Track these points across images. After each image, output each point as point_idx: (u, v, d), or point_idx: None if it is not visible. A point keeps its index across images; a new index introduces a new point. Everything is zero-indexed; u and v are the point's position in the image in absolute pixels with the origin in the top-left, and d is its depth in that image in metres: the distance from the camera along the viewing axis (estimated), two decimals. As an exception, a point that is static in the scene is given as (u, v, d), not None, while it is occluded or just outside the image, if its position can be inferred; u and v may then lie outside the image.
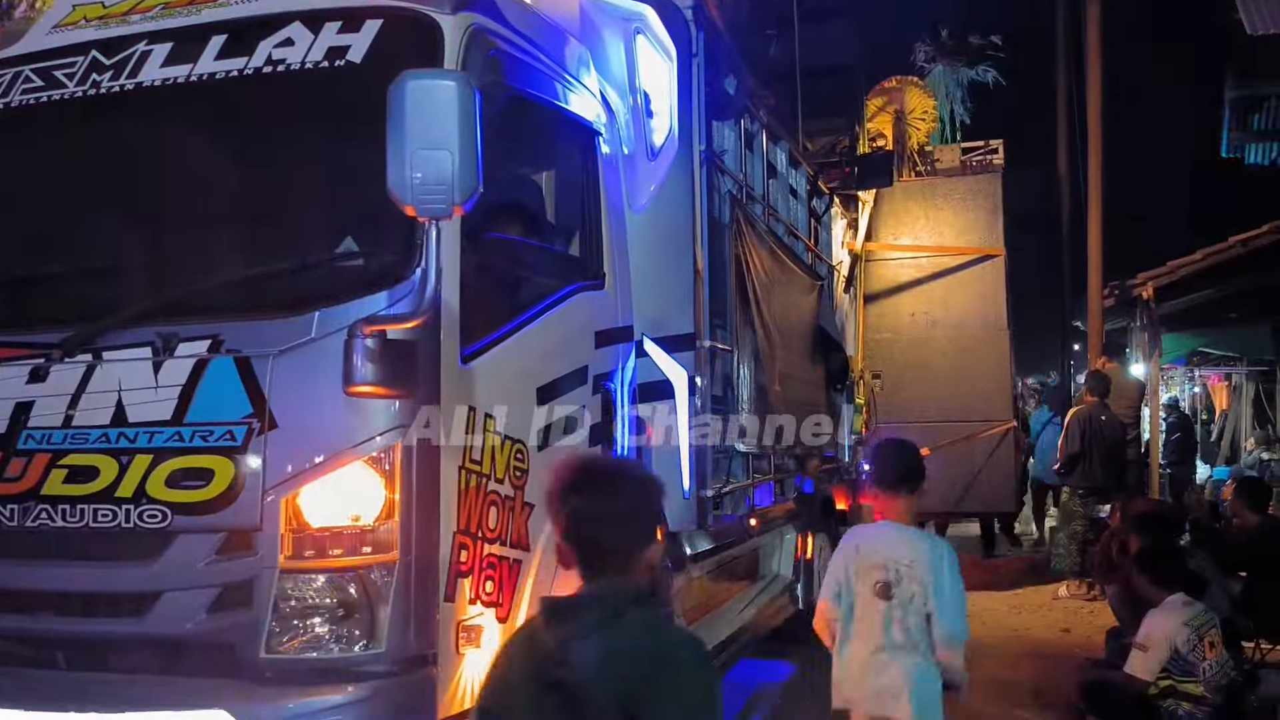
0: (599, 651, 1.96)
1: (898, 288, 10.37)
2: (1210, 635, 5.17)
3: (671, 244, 4.88)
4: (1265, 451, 14.94)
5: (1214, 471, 15.75)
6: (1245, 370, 17.11)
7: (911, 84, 11.42)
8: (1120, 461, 9.54)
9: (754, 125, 6.43)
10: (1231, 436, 17.52)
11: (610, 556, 2.08)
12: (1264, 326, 14.69)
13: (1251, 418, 16.95)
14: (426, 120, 2.56)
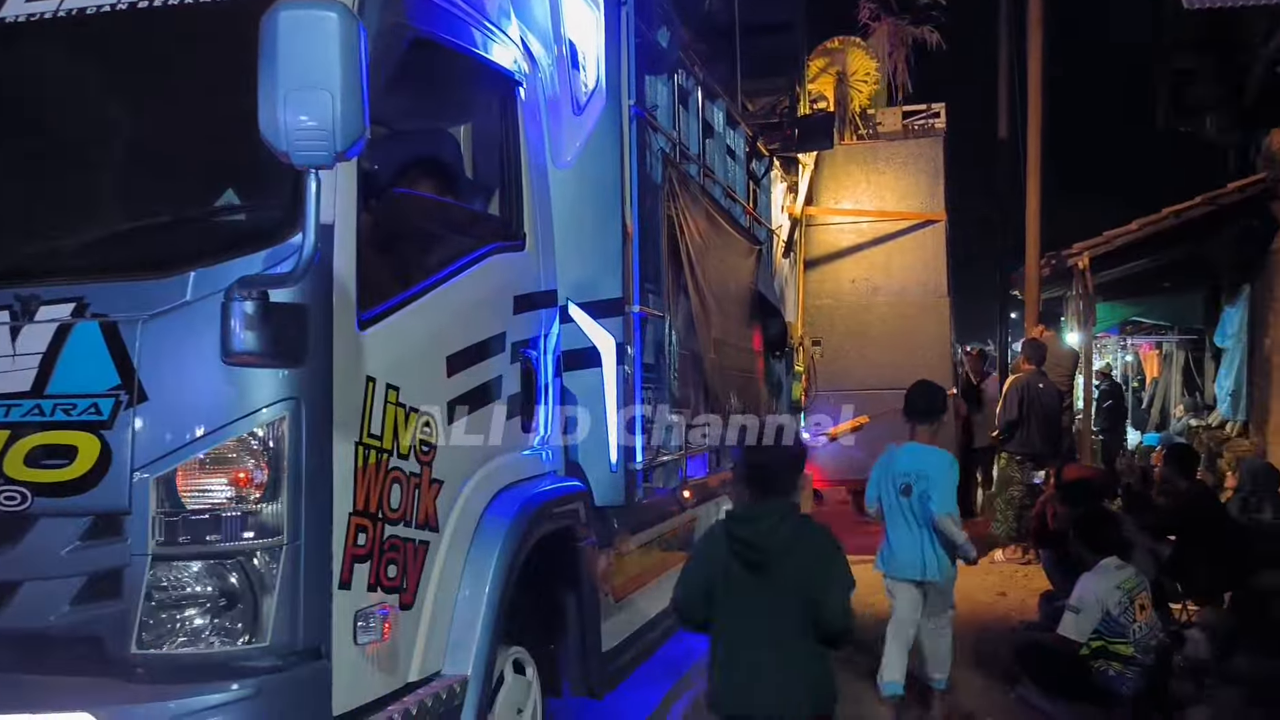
0: (785, 540, 3.29)
1: (838, 253, 10.21)
2: (1141, 598, 5.30)
3: (599, 203, 4.61)
4: (1194, 418, 15.26)
5: (1144, 438, 16.14)
6: (1176, 339, 17.51)
7: (854, 45, 11.19)
8: (1056, 428, 9.62)
9: (689, 81, 6.16)
10: (1161, 403, 17.95)
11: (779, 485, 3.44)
12: (1195, 296, 15.25)
13: (1181, 385, 17.36)
14: (303, 57, 2.26)
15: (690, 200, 5.70)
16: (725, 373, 6.46)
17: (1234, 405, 12.68)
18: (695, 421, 5.74)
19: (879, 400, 9.88)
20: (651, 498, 5.21)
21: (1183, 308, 15.84)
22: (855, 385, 9.99)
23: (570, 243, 4.50)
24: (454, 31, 3.72)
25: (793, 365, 9.05)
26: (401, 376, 3.12)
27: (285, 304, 2.65)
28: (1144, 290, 15.12)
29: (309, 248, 2.42)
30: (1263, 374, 11.57)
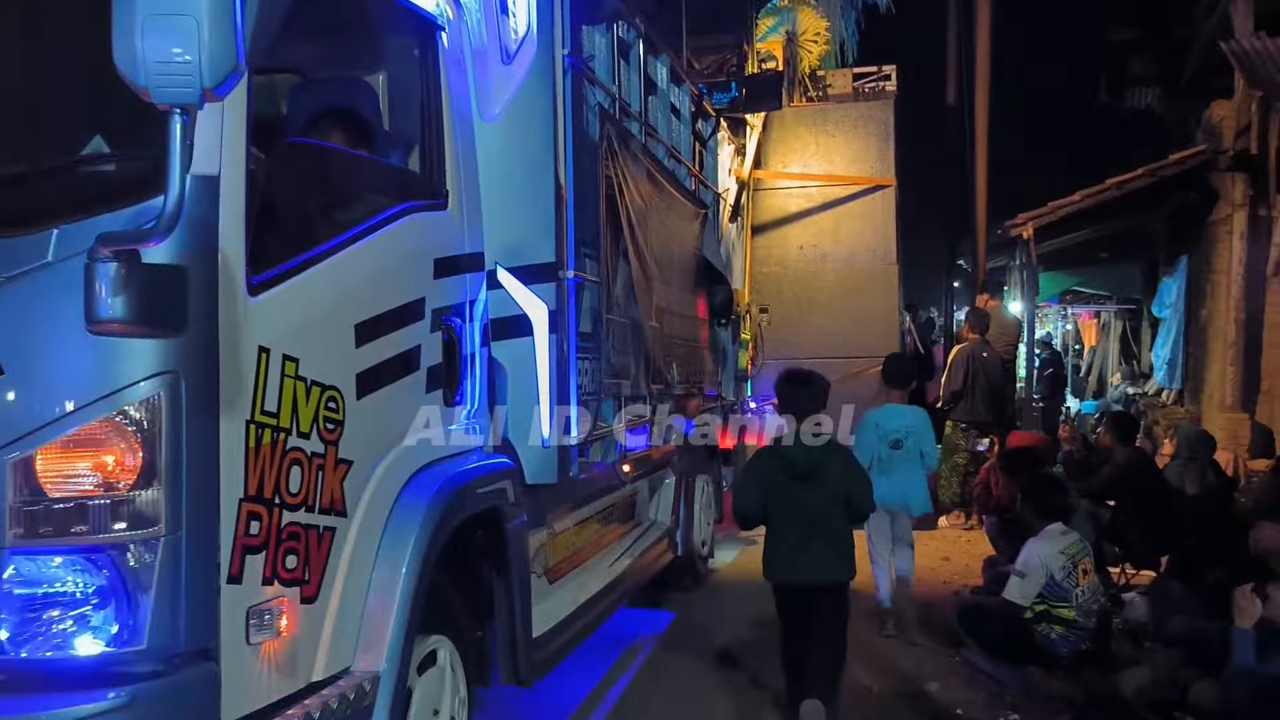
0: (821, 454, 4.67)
1: (786, 219, 9.99)
2: (1084, 563, 5.39)
3: (530, 160, 4.32)
4: (1130, 386, 15.55)
5: (1082, 405, 16.45)
6: (1114, 309, 17.81)
7: (804, 4, 10.91)
8: (1000, 397, 9.62)
9: (630, 33, 5.85)
10: (1099, 372, 18.25)
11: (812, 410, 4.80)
12: (1134, 267, 15.67)
13: (1118, 354, 17.61)
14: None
15: (631, 160, 5.42)
16: (668, 341, 6.21)
17: (1170, 374, 12.93)
18: (635, 392, 5.49)
19: (827, 369, 9.69)
20: (589, 473, 4.97)
21: (1122, 278, 16.19)
22: (804, 354, 9.80)
23: (499, 203, 4.20)
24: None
25: (739, 333, 8.84)
26: (301, 347, 2.82)
27: (160, 265, 2.33)
28: (1085, 261, 15.27)
29: (172, 200, 2.11)
30: (1199, 344, 11.74)
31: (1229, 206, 10.48)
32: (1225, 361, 10.35)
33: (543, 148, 4.30)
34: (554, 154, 4.33)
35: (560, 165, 4.38)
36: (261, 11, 2.63)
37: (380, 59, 3.94)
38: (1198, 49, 13.32)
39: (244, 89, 2.62)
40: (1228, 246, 10.53)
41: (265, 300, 2.70)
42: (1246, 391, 10.13)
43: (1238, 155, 10.22)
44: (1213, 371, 11.05)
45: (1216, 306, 11.03)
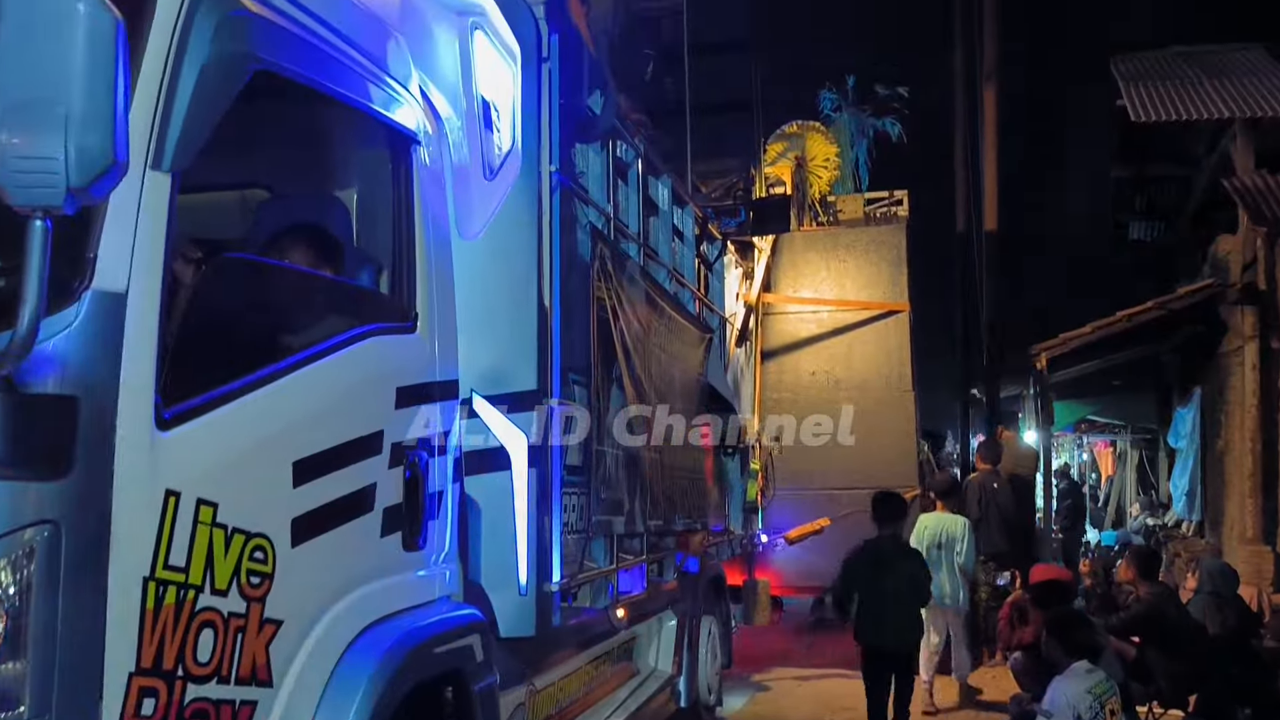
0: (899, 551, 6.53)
1: (797, 344, 9.67)
2: (1111, 703, 5.30)
3: (512, 281, 4.02)
4: (1150, 517, 15.49)
5: (1101, 536, 16.40)
6: (1129, 438, 18.05)
7: (813, 130, 10.84)
8: (1015, 527, 9.43)
9: (628, 153, 5.65)
10: (1117, 501, 18.34)
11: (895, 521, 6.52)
12: (1147, 396, 15.76)
13: (1136, 483, 17.82)
14: (26, 57, 1.65)
15: (627, 281, 5.13)
16: (668, 473, 5.82)
17: (1189, 505, 12.85)
18: (631, 529, 5.07)
19: (842, 500, 9.28)
20: (576, 619, 4.51)
21: (1136, 407, 16.30)
22: (817, 484, 9.38)
23: (478, 326, 3.89)
24: (333, 77, 3.14)
25: (748, 464, 8.42)
26: (221, 489, 2.44)
27: (40, 395, 1.99)
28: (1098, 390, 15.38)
29: (26, 321, 1.77)
30: (1216, 475, 11.71)
31: (1239, 339, 10.55)
32: (1244, 493, 10.23)
33: (526, 267, 4.01)
34: (538, 274, 4.03)
35: (545, 286, 4.07)
36: (193, 111, 2.37)
37: (352, 173, 3.69)
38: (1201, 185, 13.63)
39: (164, 195, 2.33)
40: (1240, 378, 10.54)
41: (178, 436, 2.34)
42: (1267, 523, 9.96)
43: (1245, 289, 10.33)
44: (1232, 503, 10.95)
45: (1232, 437, 11.00)
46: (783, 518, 9.22)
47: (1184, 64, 13.58)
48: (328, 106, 3.25)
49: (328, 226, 3.44)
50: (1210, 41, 14.32)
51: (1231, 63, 13.36)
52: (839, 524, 9.05)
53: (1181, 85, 12.69)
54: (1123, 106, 12.37)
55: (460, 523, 3.74)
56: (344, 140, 3.57)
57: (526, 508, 3.88)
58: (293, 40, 2.88)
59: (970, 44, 13.53)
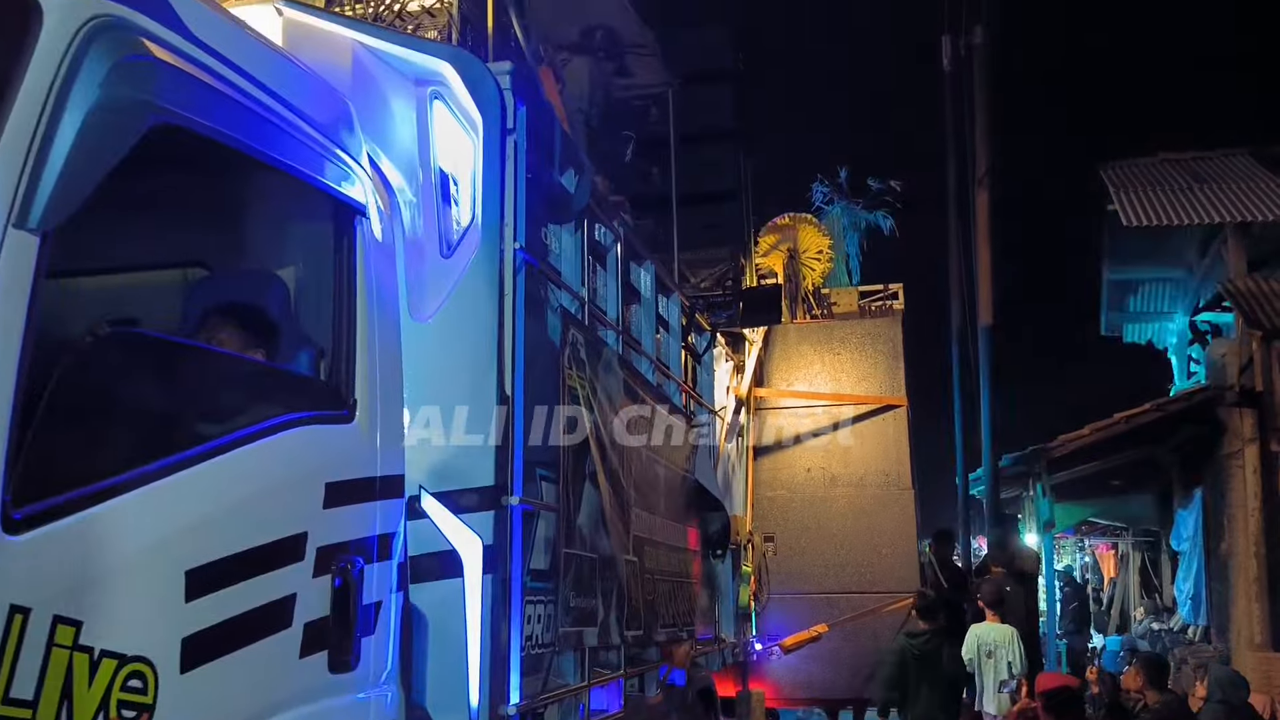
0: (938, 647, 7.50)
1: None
2: None
3: (470, 366, 3.67)
4: (1155, 621, 15.40)
5: (1106, 640, 16.17)
6: (1131, 540, 18.01)
7: (805, 221, 10.64)
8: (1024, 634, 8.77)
9: (606, 236, 5.37)
10: (1121, 605, 18.27)
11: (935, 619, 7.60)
12: (1148, 497, 15.73)
13: (1139, 587, 17.84)
14: None
15: (603, 370, 4.78)
16: (650, 578, 5.38)
17: (1195, 609, 12.79)
18: (605, 641, 4.62)
19: (839, 605, 8.79)
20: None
21: (1136, 509, 16.29)
22: (813, 587, 8.91)
23: (429, 415, 3.54)
24: (263, 139, 2.85)
25: (739, 566, 7.96)
26: (88, 604, 2.06)
27: None
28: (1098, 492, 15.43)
29: None
30: (1221, 579, 11.66)
31: (1239, 441, 10.53)
32: (1250, 598, 10.13)
33: (485, 351, 3.66)
34: (498, 359, 3.67)
35: (507, 372, 3.72)
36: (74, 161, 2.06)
37: (292, 248, 3.37)
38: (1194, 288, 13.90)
39: (28, 257, 2.00)
40: (1241, 481, 10.48)
41: (31, 541, 1.96)
42: (1275, 628, 9.88)
43: (1243, 391, 10.36)
44: (1238, 608, 10.82)
45: (1235, 541, 10.89)
46: (778, 623, 8.72)
47: (1172, 170, 13.94)
48: (261, 173, 2.96)
49: (261, 305, 3.11)
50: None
51: (1219, 168, 13.73)
52: (837, 630, 8.55)
53: (1171, 191, 13.03)
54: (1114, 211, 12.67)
55: (404, 638, 3.33)
56: (281, 211, 3.27)
57: (480, 619, 3.45)
58: (209, 94, 2.59)
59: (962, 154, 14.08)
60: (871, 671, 8.16)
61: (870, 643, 8.66)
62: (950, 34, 14.44)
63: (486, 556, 3.50)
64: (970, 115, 13.73)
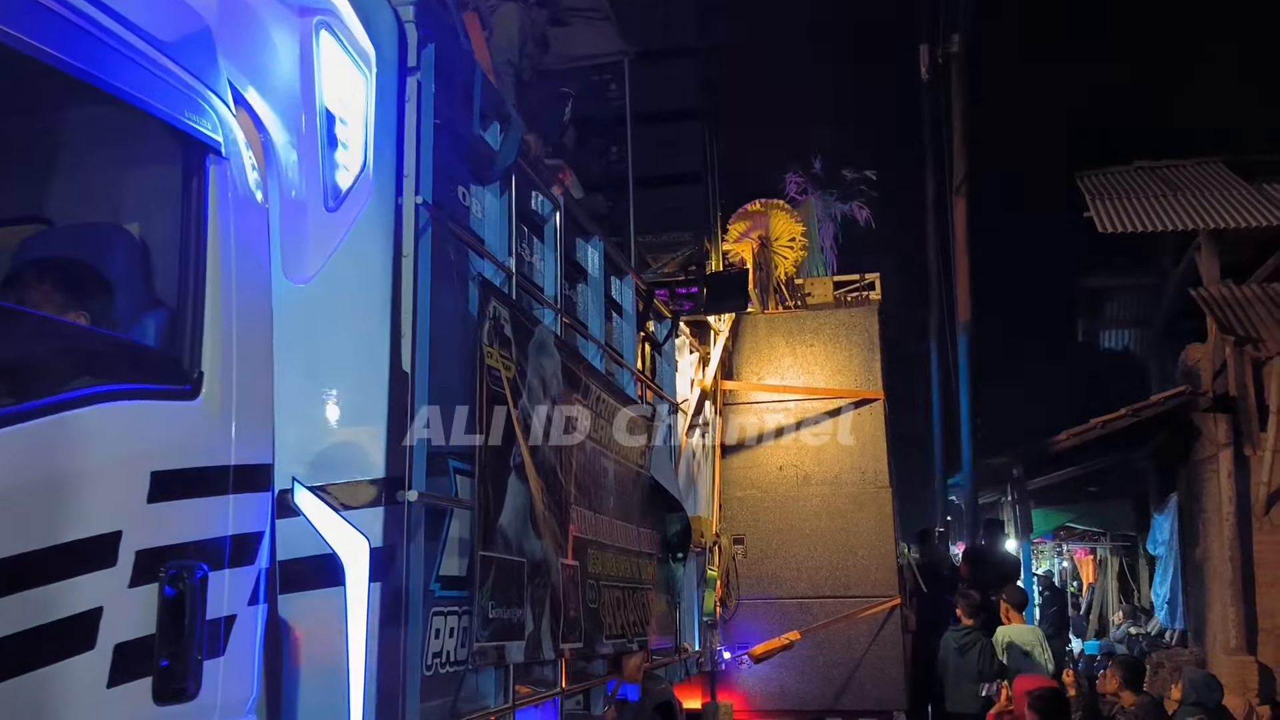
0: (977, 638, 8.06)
1: (762, 436, 8.75)
2: None
3: (359, 337, 3.14)
4: (1133, 625, 15.69)
5: (1085, 645, 16.28)
6: (1109, 544, 18.34)
7: (777, 207, 10.13)
8: None
9: (544, 205, 4.84)
10: (1099, 609, 18.47)
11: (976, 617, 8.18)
12: (1125, 502, 16.31)
13: (1117, 591, 18.12)
14: None
15: (534, 350, 4.25)
16: (594, 584, 4.86)
17: (1171, 613, 13.07)
18: (535, 655, 4.08)
19: (813, 611, 8.28)
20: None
21: (1113, 514, 16.86)
22: (785, 592, 8.39)
23: (307, 393, 3.01)
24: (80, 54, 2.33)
25: (704, 570, 7.44)
26: None
27: None
28: (1075, 497, 16.07)
29: None
30: (1196, 583, 11.88)
31: (1213, 446, 10.64)
32: (1224, 602, 10.25)
33: (375, 320, 3.13)
34: (392, 329, 3.14)
35: (405, 345, 3.19)
36: None
37: (124, 193, 2.83)
38: (1169, 295, 14.26)
39: None
40: (1216, 485, 10.58)
41: None
42: (1249, 632, 10.02)
43: (1217, 397, 10.51)
44: (1214, 612, 10.96)
45: (1210, 545, 11.01)
46: (748, 630, 8.19)
47: (1147, 178, 14.28)
48: (82, 98, 2.44)
49: (83, 260, 2.58)
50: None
51: (1193, 177, 14.06)
52: (810, 637, 8.04)
53: (1146, 199, 13.32)
54: (1089, 219, 12.92)
55: (271, 659, 2.79)
56: (111, 147, 2.74)
57: (365, 634, 2.92)
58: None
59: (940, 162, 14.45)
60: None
61: (845, 651, 8.15)
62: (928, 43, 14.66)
63: (374, 561, 2.97)
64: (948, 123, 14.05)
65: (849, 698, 8.16)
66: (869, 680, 8.15)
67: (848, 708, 8.30)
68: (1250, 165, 14.22)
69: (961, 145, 13.59)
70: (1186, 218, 12.39)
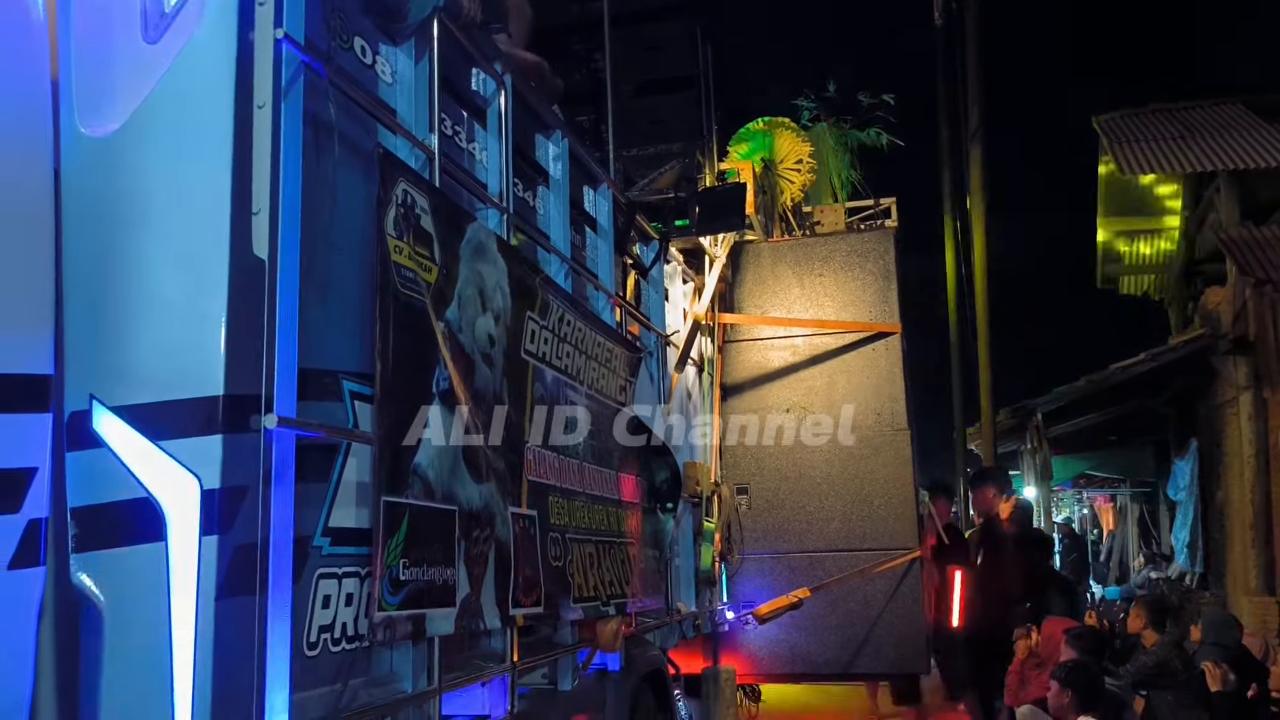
0: None
1: (767, 376, 7.94)
2: None
3: (190, 211, 2.34)
4: (1153, 570, 15.57)
5: (1105, 591, 16.18)
6: (1129, 491, 18.38)
7: (782, 127, 9.22)
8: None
9: (486, 84, 4.01)
10: (1120, 556, 18.62)
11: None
12: (1144, 449, 16.23)
13: (1137, 537, 18.10)
14: None
15: (469, 253, 3.45)
16: (558, 538, 4.09)
17: (1191, 557, 13.02)
18: (473, 624, 3.32)
19: (825, 566, 7.52)
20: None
21: (1133, 461, 16.82)
22: (793, 545, 7.61)
23: (111, 280, 2.22)
24: None
25: (701, 522, 6.67)
26: None
27: None
28: (1095, 444, 15.99)
29: None
30: (1217, 527, 11.88)
31: (1234, 389, 10.59)
32: (1245, 544, 10.23)
33: (210, 189, 2.32)
34: (237, 201, 2.34)
35: (261, 226, 2.38)
36: None
37: None
38: (1188, 237, 14.18)
39: None
40: (1236, 429, 10.55)
41: None
42: (1269, 573, 10.01)
43: (1237, 339, 10.37)
44: (1234, 554, 10.98)
45: (1231, 489, 11.00)
46: (753, 588, 7.45)
47: (1165, 120, 14.08)
48: None
49: None
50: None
51: (1211, 118, 13.83)
52: (821, 595, 7.28)
53: (1165, 142, 13.16)
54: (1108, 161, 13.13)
55: (63, 643, 2.03)
56: None
57: (196, 606, 2.15)
58: None
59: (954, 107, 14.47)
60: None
61: (860, 608, 7.39)
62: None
63: (209, 507, 2.19)
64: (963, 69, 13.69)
65: (865, 660, 7.41)
66: (887, 640, 7.38)
67: (864, 670, 7.58)
68: (1270, 105, 13.92)
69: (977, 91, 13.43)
70: (1207, 159, 12.21)
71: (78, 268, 2.17)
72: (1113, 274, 17.85)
